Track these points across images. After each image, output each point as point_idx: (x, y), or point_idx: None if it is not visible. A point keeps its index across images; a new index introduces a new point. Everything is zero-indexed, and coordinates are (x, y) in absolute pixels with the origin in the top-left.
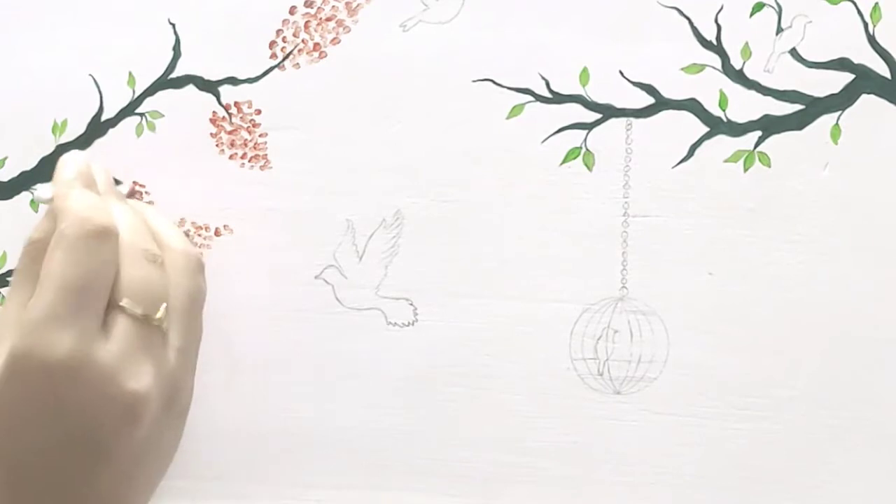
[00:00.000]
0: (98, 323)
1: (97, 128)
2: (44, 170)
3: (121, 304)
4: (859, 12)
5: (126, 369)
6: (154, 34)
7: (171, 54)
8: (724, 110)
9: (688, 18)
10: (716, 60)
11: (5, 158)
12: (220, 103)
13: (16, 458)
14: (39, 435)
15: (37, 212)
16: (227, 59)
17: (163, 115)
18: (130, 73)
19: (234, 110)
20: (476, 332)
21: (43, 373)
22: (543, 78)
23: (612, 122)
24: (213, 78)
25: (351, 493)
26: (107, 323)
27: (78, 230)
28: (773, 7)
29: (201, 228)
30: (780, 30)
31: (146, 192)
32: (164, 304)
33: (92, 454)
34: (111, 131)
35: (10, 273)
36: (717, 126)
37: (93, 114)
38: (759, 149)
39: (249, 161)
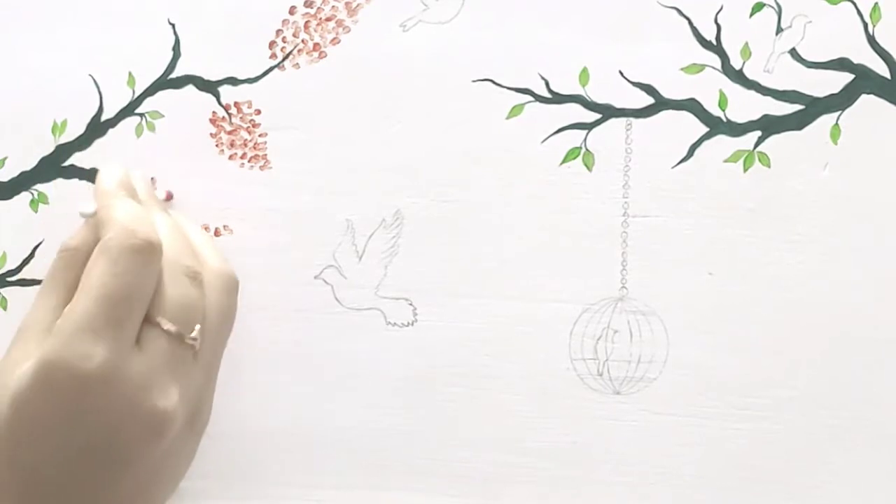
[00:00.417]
0: (133, 337)
1: (97, 128)
2: (44, 170)
3: (157, 320)
4: (859, 12)
5: (155, 386)
6: (154, 34)
7: (171, 54)
8: (723, 110)
9: (688, 18)
10: (716, 60)
11: (5, 158)
12: (219, 103)
13: (34, 464)
14: (61, 444)
15: (37, 212)
16: (227, 59)
17: (163, 116)
18: (130, 73)
19: (233, 110)
20: (476, 332)
21: (73, 382)
22: (543, 78)
23: (612, 122)
24: (213, 78)
25: (351, 493)
26: (141, 338)
27: (123, 242)
28: (772, 7)
29: (201, 228)
30: (779, 30)
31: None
32: (199, 326)
33: (112, 466)
34: (111, 131)
35: (10, 273)
36: (716, 126)
37: (93, 114)
38: (758, 149)
39: (249, 161)
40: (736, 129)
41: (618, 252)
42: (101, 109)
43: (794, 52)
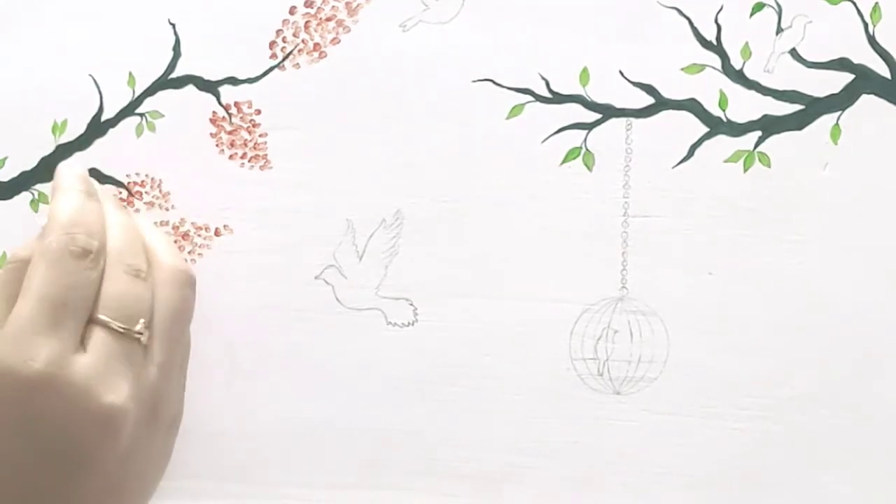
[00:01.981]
0: (76, 337)
1: (97, 128)
2: (44, 170)
3: (99, 318)
4: (859, 12)
5: (102, 382)
6: (154, 34)
7: (171, 54)
8: (724, 110)
9: (688, 18)
10: (716, 60)
11: (5, 158)
12: (220, 103)
13: None
14: (13, 448)
15: (37, 212)
16: (227, 59)
17: (163, 115)
18: (130, 73)
19: (234, 110)
20: (476, 332)
21: (17, 387)
22: (543, 78)
23: (612, 122)
24: (213, 78)
25: (351, 493)
26: (85, 338)
27: (62, 246)
28: (773, 7)
29: (201, 228)
30: (780, 30)
31: (145, 193)
32: (143, 319)
33: (71, 468)
34: (111, 131)
35: None
36: (717, 126)
37: (93, 114)
38: (759, 149)
39: (249, 161)
40: (736, 129)
41: (618, 252)
42: (101, 109)
43: (794, 52)
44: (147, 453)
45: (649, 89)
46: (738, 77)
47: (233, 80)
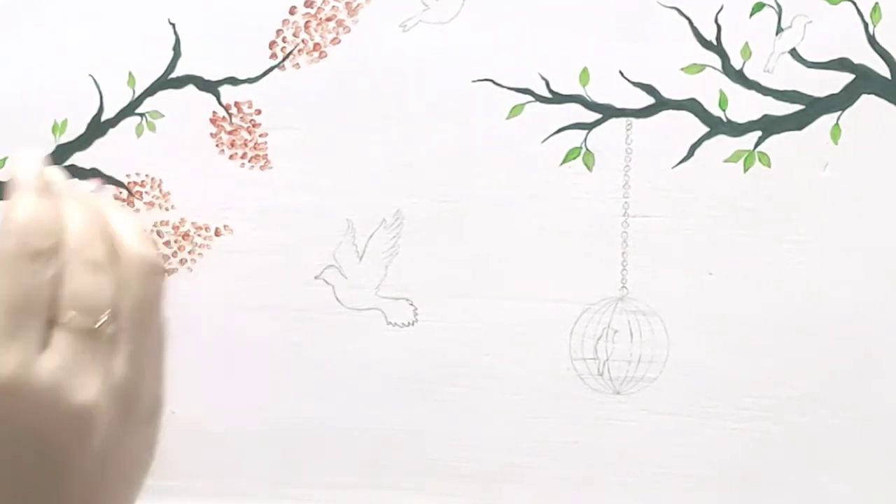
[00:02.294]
0: (38, 339)
1: (97, 128)
2: None
3: (59, 316)
4: (859, 12)
5: (70, 382)
6: (154, 34)
7: (171, 54)
8: (724, 110)
9: (688, 18)
10: (716, 60)
11: (5, 158)
12: (220, 103)
13: None
14: None
15: None
16: (227, 59)
17: (163, 115)
18: (130, 73)
19: (234, 110)
20: (476, 332)
21: None
22: (543, 78)
23: (612, 122)
24: (213, 78)
25: (351, 493)
26: (48, 338)
27: (17, 249)
28: (773, 7)
29: (201, 228)
30: (780, 30)
31: (145, 193)
32: (108, 311)
33: (48, 473)
34: (111, 131)
35: None
36: (717, 126)
37: (93, 114)
38: (759, 149)
39: (249, 161)
40: (736, 129)
41: (618, 252)
42: (101, 109)
43: (794, 52)
44: (127, 449)
45: (649, 89)
46: (738, 77)
47: (233, 80)
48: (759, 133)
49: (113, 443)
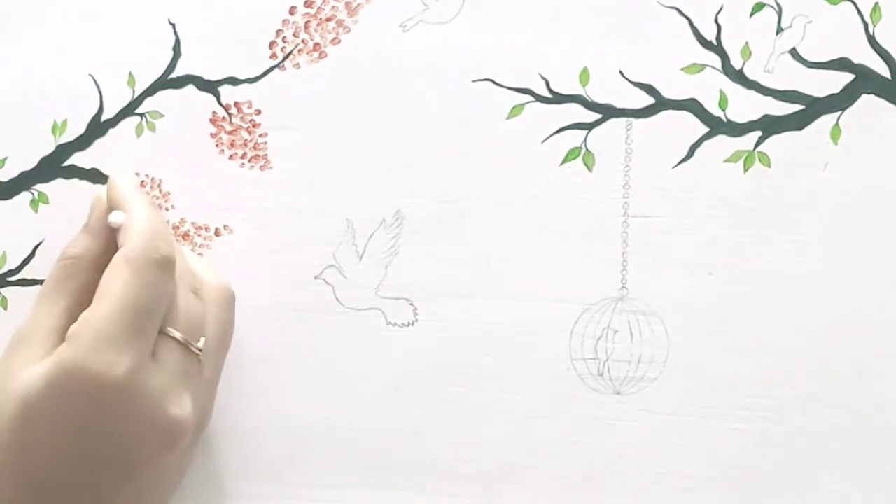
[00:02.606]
0: (151, 348)
1: (97, 128)
2: (44, 170)
3: (169, 331)
4: (859, 12)
5: (171, 396)
6: (154, 34)
7: (171, 54)
8: (724, 110)
9: (688, 18)
10: (716, 60)
11: (5, 158)
12: (220, 103)
13: (40, 470)
14: (73, 451)
15: (37, 212)
16: (227, 59)
17: (163, 115)
18: (130, 73)
19: (234, 110)
20: (476, 332)
21: (94, 390)
22: (543, 78)
23: (612, 122)
24: (213, 78)
25: (351, 493)
26: (155, 349)
27: (146, 255)
28: (773, 7)
29: (201, 228)
30: (780, 30)
31: (145, 193)
32: (203, 337)
33: (118, 475)
34: (111, 131)
35: (10, 273)
36: (717, 126)
37: (93, 114)
38: (759, 149)
39: (249, 161)
40: (736, 129)
41: (618, 252)
42: (101, 109)
43: (794, 52)
44: (182, 465)
45: (649, 89)
46: (738, 77)
47: (233, 80)
48: (759, 133)
49: (182, 458)
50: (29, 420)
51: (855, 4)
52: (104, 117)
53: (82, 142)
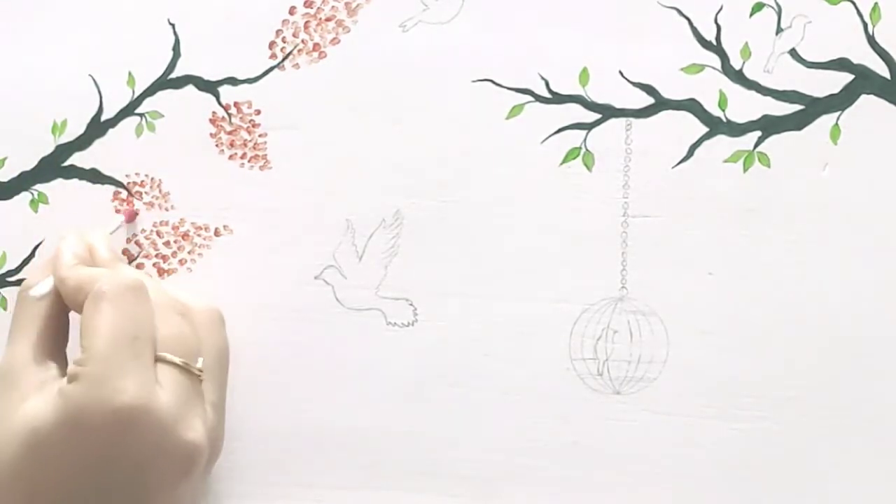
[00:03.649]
0: (153, 372)
1: (97, 128)
2: (44, 170)
3: (163, 356)
4: (859, 12)
5: (182, 420)
6: (154, 34)
7: (170, 54)
8: (723, 110)
9: (688, 18)
10: (715, 60)
11: (5, 158)
12: (219, 103)
13: (52, 502)
14: (88, 485)
15: (37, 212)
16: (227, 59)
17: (163, 116)
18: (130, 73)
19: (233, 110)
20: (476, 332)
21: (107, 422)
22: (543, 78)
23: (612, 122)
24: (213, 78)
25: (351, 493)
26: (157, 375)
27: (117, 285)
28: (772, 7)
29: (201, 228)
30: (779, 30)
31: (145, 193)
32: (201, 357)
33: (133, 498)
34: (111, 131)
35: (10, 273)
36: (716, 126)
37: (93, 114)
38: (758, 149)
39: (249, 161)
40: (736, 129)
41: (618, 252)
42: (101, 109)
43: (794, 52)
44: (195, 495)
45: (649, 89)
46: (738, 77)
47: (232, 80)
48: (758, 133)
49: (192, 488)
50: (38, 455)
51: (854, 4)
52: (104, 117)
53: (82, 142)
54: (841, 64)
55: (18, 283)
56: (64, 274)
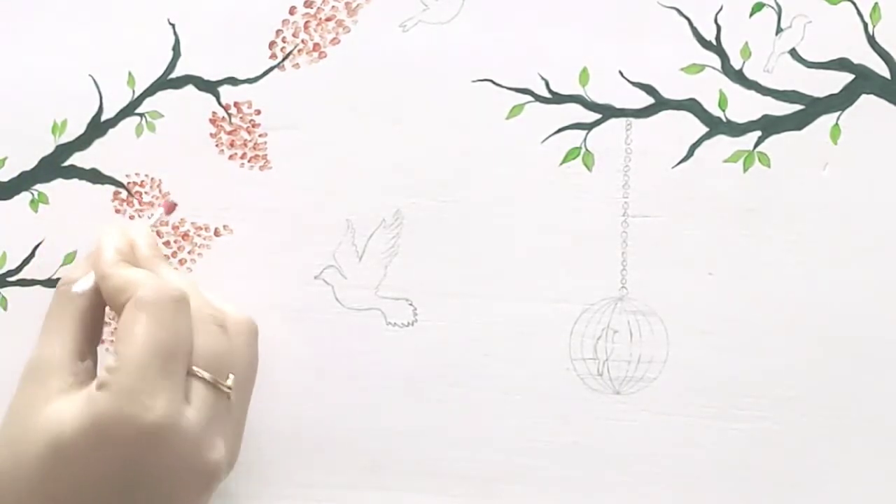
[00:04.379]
0: (183, 389)
1: (97, 128)
2: (44, 170)
3: (196, 371)
4: (859, 12)
5: (206, 438)
6: (154, 34)
7: (170, 54)
8: (723, 110)
9: (687, 18)
10: (715, 60)
11: (5, 158)
12: (219, 103)
13: None
14: (107, 493)
15: (37, 212)
16: (227, 59)
17: (163, 116)
18: (130, 73)
19: (233, 110)
20: (476, 332)
21: (132, 435)
22: (543, 78)
23: (612, 122)
24: (213, 78)
25: (351, 493)
26: (186, 390)
27: (158, 295)
28: (772, 7)
29: (201, 228)
30: (779, 30)
31: (145, 193)
32: (232, 375)
33: None
34: (111, 131)
35: (10, 273)
36: (716, 126)
37: (93, 114)
38: (758, 149)
39: (249, 161)
40: (736, 129)
41: (618, 252)
42: (101, 109)
43: (794, 52)
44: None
45: (649, 89)
46: (738, 77)
47: (233, 81)
48: (758, 133)
49: (209, 499)
50: (60, 462)
51: (855, 4)
52: (104, 117)
53: (82, 142)
54: (841, 64)
55: (18, 283)
56: (106, 271)
